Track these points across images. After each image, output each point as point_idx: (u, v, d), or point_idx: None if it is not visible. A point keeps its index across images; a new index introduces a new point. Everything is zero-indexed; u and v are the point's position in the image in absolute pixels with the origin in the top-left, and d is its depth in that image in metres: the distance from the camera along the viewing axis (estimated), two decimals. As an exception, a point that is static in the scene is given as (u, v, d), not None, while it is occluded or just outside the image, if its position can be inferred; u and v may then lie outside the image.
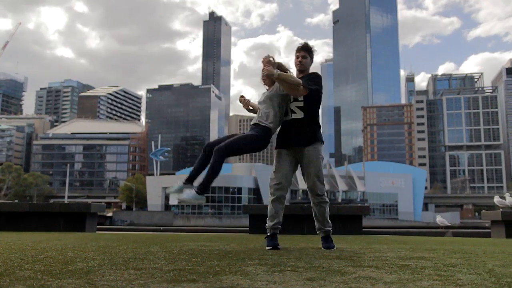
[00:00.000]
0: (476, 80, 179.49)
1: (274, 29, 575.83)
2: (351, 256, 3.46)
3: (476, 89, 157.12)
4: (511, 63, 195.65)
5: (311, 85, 4.19)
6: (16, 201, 76.99)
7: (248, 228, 8.61)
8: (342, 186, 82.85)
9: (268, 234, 4.25)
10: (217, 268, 2.62)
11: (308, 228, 7.61)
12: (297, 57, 4.38)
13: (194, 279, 2.18)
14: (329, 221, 4.41)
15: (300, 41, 4.51)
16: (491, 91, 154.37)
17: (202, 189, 4.04)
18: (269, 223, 4.28)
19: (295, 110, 4.25)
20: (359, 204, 62.87)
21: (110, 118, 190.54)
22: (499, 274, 2.47)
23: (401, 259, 3.23)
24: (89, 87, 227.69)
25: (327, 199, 4.42)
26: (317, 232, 4.44)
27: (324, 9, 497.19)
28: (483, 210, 9.50)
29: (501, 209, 8.96)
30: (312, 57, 4.43)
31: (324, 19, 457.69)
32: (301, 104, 4.24)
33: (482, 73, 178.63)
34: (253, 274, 2.35)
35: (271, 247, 4.05)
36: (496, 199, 9.69)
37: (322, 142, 4.36)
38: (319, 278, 2.22)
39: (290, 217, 7.63)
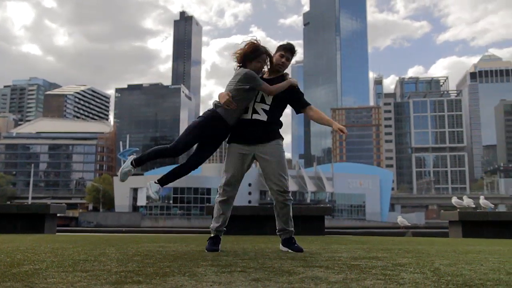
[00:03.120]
0: (442, 83, 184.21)
1: (247, 30, 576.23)
2: (305, 256, 3.49)
3: (442, 92, 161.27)
4: (475, 68, 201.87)
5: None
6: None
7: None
8: (311, 187, 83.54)
9: (212, 235, 4.01)
10: (167, 269, 2.60)
11: (271, 229, 7.63)
12: (282, 56, 4.07)
13: (139, 280, 2.16)
14: (292, 221, 4.15)
15: (273, 43, 4.17)
16: (455, 94, 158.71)
17: (162, 181, 4.08)
18: (214, 224, 4.01)
19: (259, 112, 3.96)
20: (321, 205, 63.53)
21: (77, 117, 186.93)
22: (442, 272, 2.54)
23: (353, 259, 3.27)
24: (56, 86, 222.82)
25: (291, 197, 4.10)
26: (279, 234, 4.19)
27: (298, 10, 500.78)
28: (442, 211, 9.77)
29: (458, 210, 9.24)
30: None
31: (297, 20, 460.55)
32: (267, 107, 3.97)
33: (447, 77, 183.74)
34: (201, 275, 2.34)
35: (209, 251, 3.84)
36: (454, 200, 9.99)
37: (282, 138, 4.14)
38: (265, 279, 2.23)
39: (252, 218, 7.65)
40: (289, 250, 3.99)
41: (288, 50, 4.07)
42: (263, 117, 3.97)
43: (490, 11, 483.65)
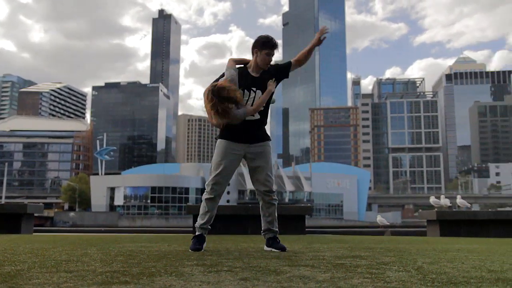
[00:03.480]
0: (418, 85, 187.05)
1: (227, 29, 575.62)
2: (290, 256, 3.50)
3: (418, 93, 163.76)
4: (450, 70, 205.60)
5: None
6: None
7: (192, 229, 8.54)
8: (289, 186, 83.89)
9: (196, 233, 4.01)
10: (152, 269, 2.58)
11: (252, 228, 7.65)
12: (269, 55, 4.00)
13: (126, 280, 2.13)
14: (277, 221, 4.20)
15: (252, 42, 4.14)
16: (431, 95, 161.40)
17: None
18: (199, 221, 4.01)
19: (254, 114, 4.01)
20: (302, 204, 63.86)
21: (53, 115, 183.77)
22: (426, 271, 2.58)
23: (337, 258, 3.30)
24: (31, 83, 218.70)
25: (277, 198, 4.19)
26: (263, 234, 4.20)
27: (277, 10, 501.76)
28: (420, 210, 9.93)
29: (436, 209, 9.41)
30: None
31: (276, 20, 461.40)
32: (261, 108, 4.03)
33: (423, 78, 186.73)
34: (188, 275, 2.33)
35: (192, 251, 3.82)
36: (432, 200, 10.16)
37: (270, 139, 4.21)
38: (253, 278, 2.23)
39: (234, 218, 7.64)
40: (273, 250, 4.00)
41: (273, 48, 4.01)
42: (256, 116, 4.04)
43: (465, 15, 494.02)
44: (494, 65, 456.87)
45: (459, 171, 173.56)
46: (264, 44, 3.99)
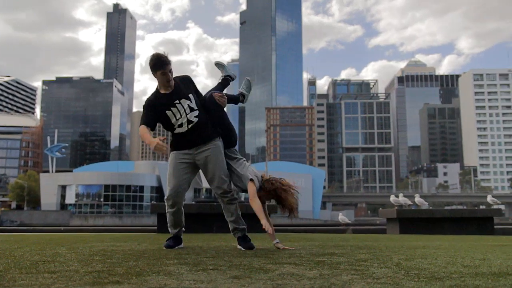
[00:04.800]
0: (372, 86, 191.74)
1: (184, 25, 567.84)
2: (266, 254, 3.53)
3: (372, 95, 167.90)
4: (402, 73, 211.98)
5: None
6: None
7: (156, 227, 8.43)
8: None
9: (172, 236, 4.26)
10: (137, 268, 2.55)
11: (217, 227, 7.63)
12: (163, 74, 3.93)
13: (117, 280, 2.10)
14: (242, 218, 4.24)
15: (210, 40, 4.01)
16: (384, 97, 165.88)
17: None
18: (172, 230, 4.23)
19: (193, 120, 4.04)
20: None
21: (0, 110, 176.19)
22: (406, 267, 2.67)
23: (315, 256, 3.36)
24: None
25: (236, 196, 4.21)
26: (233, 233, 4.22)
27: (235, 8, 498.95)
28: (380, 208, 10.21)
29: (396, 207, 9.70)
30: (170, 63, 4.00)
31: (234, 18, 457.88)
32: (197, 112, 4.05)
33: (377, 80, 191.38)
34: (177, 274, 2.32)
35: (165, 247, 4.10)
36: (392, 198, 10.47)
37: (219, 135, 4.17)
38: (245, 276, 2.24)
39: (199, 216, 7.60)
40: (242, 248, 4.02)
41: (163, 67, 3.94)
42: (193, 120, 4.05)
43: (417, 19, 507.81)
44: (443, 69, 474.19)
45: (409, 171, 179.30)
46: (154, 68, 3.94)
